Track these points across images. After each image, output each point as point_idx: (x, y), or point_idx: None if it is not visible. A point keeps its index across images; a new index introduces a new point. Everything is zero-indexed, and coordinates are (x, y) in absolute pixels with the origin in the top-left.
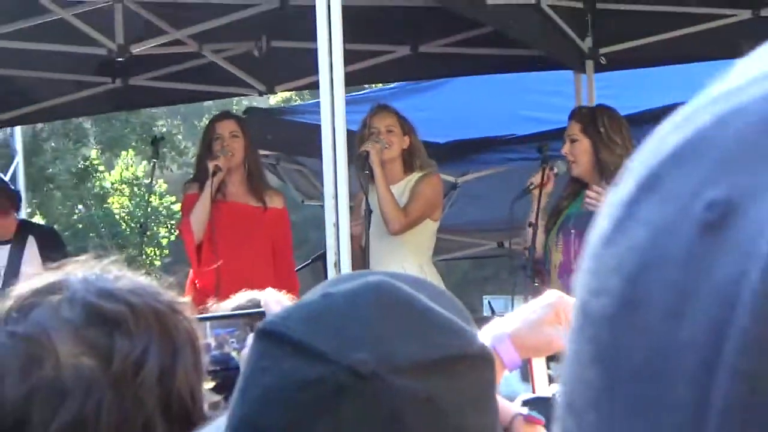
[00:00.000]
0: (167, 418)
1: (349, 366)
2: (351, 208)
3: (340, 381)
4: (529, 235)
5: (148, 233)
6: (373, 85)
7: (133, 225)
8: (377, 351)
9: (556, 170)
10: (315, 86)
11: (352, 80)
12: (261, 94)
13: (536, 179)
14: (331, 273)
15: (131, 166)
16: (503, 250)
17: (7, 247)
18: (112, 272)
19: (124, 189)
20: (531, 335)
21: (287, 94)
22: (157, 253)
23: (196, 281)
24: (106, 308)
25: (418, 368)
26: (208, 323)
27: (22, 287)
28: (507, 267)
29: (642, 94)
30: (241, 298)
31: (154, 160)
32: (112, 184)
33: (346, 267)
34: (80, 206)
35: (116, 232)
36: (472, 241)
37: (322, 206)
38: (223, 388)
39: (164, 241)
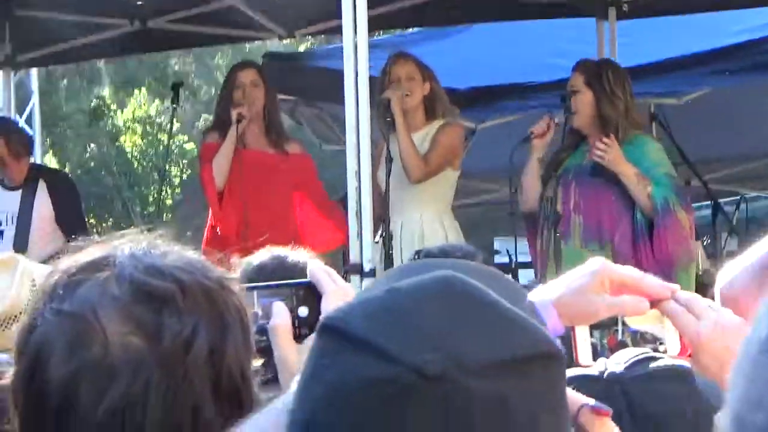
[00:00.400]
0: (217, 398)
1: (416, 366)
2: (372, 156)
3: (407, 382)
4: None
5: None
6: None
7: (145, 164)
8: (446, 350)
9: (557, 120)
10: (335, 30)
11: (373, 25)
12: (281, 38)
13: (537, 128)
14: (353, 221)
15: (144, 104)
16: (514, 195)
17: (18, 192)
18: (159, 247)
19: (136, 128)
20: (575, 302)
21: (307, 44)
22: (169, 192)
23: (217, 227)
24: (154, 285)
25: (489, 369)
26: (255, 292)
27: (68, 263)
28: (517, 212)
29: (663, 43)
30: (264, 254)
31: (174, 105)
32: (125, 122)
33: (367, 215)
34: (93, 145)
35: (129, 170)
36: (485, 186)
37: (340, 150)
38: (265, 352)
39: (176, 180)
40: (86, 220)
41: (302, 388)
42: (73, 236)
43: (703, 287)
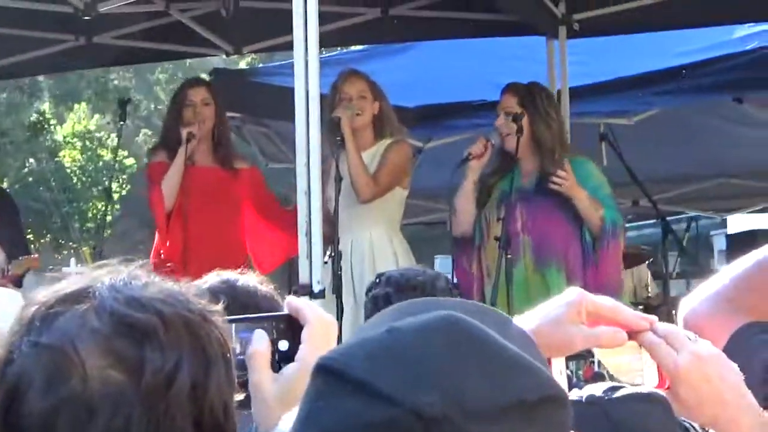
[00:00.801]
0: None
1: (416, 409)
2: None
3: (406, 425)
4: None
5: (99, 188)
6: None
7: (84, 179)
8: (447, 393)
9: (492, 142)
10: (283, 47)
11: (321, 42)
12: (228, 54)
13: (475, 150)
14: (302, 241)
15: (84, 119)
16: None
17: None
18: (140, 278)
19: (75, 143)
20: (551, 333)
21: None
22: (109, 207)
23: (161, 250)
24: (135, 318)
25: (492, 412)
26: (233, 325)
27: (46, 294)
28: None
29: (615, 62)
30: (213, 278)
31: (121, 123)
32: (64, 137)
33: (317, 236)
34: (32, 160)
35: (67, 186)
36: (427, 205)
37: (287, 168)
38: (245, 386)
39: (115, 196)
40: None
41: (297, 430)
42: (12, 252)
43: (653, 310)
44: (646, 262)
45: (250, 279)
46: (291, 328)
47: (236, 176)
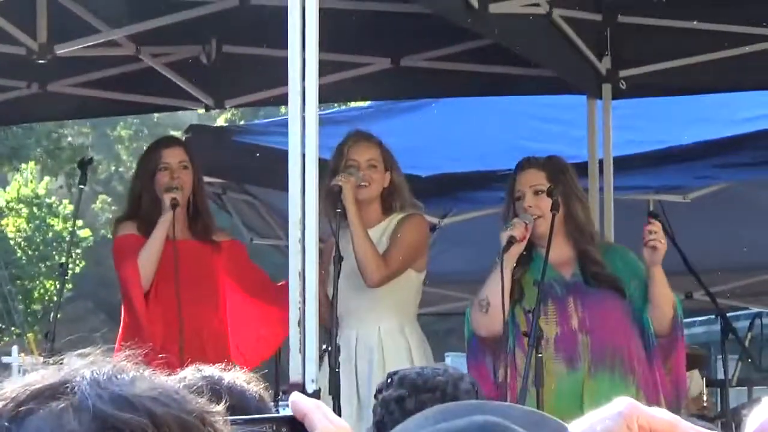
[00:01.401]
0: None
1: None
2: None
3: None
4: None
5: (48, 263)
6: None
7: (30, 252)
8: None
9: (529, 224)
10: (273, 102)
11: (320, 96)
12: (207, 108)
13: (518, 232)
14: (294, 332)
15: (31, 181)
16: None
17: None
18: (127, 372)
19: (21, 209)
20: None
21: (227, 114)
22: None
23: (133, 338)
24: (122, 420)
25: None
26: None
27: (15, 388)
28: None
29: (667, 128)
30: (193, 374)
31: (82, 187)
32: (8, 203)
33: (312, 325)
34: None
35: (11, 260)
36: (440, 292)
37: (274, 246)
38: None
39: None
40: None
41: None
42: None
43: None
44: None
45: (237, 376)
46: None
47: (217, 250)
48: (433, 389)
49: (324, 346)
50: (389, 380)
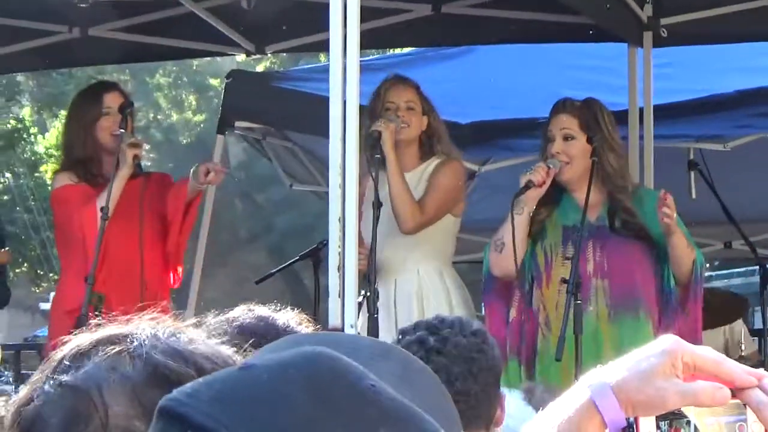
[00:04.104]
0: None
1: None
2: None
3: None
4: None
5: None
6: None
7: None
8: None
9: (553, 168)
10: (313, 48)
11: (360, 43)
12: (248, 54)
13: (537, 176)
14: (334, 277)
15: (64, 131)
16: None
17: None
18: (186, 334)
19: (60, 156)
20: (640, 389)
21: (266, 63)
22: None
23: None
24: (170, 368)
25: None
26: None
27: (82, 337)
28: None
29: (708, 76)
30: (245, 314)
31: (122, 130)
32: (47, 149)
33: (351, 271)
34: (8, 175)
35: (48, 206)
36: (480, 240)
37: (313, 191)
38: None
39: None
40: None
41: None
42: None
43: None
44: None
45: (290, 317)
46: None
47: (148, 182)
48: (451, 326)
49: (363, 292)
50: (401, 335)
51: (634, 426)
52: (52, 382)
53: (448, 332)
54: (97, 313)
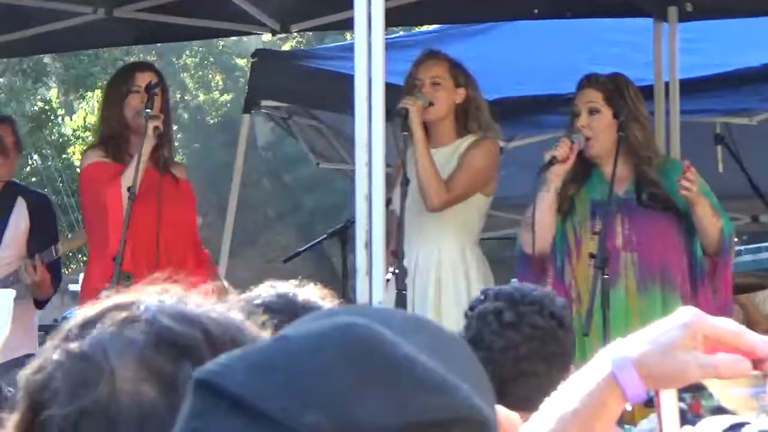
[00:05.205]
0: None
1: (299, 431)
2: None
3: None
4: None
5: None
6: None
7: None
8: (335, 412)
9: (577, 143)
10: (337, 26)
11: (385, 21)
12: (274, 33)
13: (561, 152)
14: (361, 254)
15: (98, 110)
16: None
17: None
18: (194, 299)
19: (87, 137)
20: (661, 362)
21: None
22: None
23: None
24: (177, 331)
25: None
26: None
27: (91, 306)
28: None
29: (734, 50)
30: (267, 291)
31: (148, 111)
32: (74, 131)
33: (379, 248)
34: (35, 156)
35: (77, 188)
36: (507, 217)
37: (339, 170)
38: None
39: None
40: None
41: None
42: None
43: None
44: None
45: (312, 293)
46: None
47: (178, 189)
48: (531, 303)
49: (391, 269)
50: (482, 296)
51: (655, 399)
52: (60, 350)
53: (526, 309)
54: None
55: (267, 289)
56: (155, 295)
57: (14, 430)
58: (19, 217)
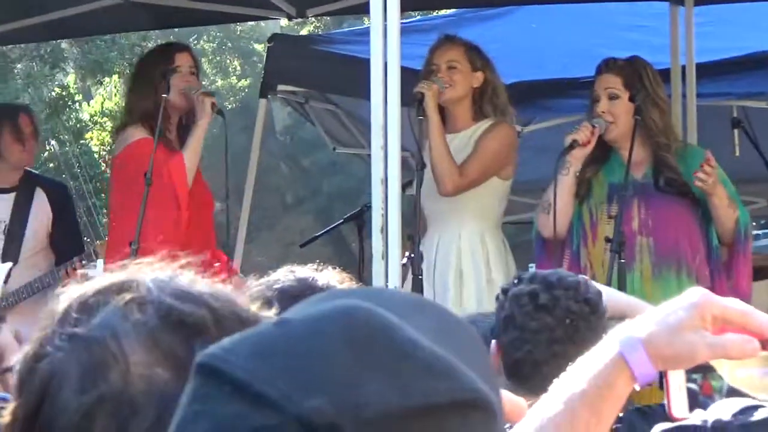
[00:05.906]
0: None
1: (301, 415)
2: (404, 160)
3: None
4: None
5: None
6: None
7: None
8: (338, 396)
9: (598, 128)
10: (353, 11)
11: (401, 5)
12: (290, 18)
13: (582, 135)
14: (377, 238)
15: (115, 95)
16: None
17: (10, 196)
18: (185, 275)
19: (105, 123)
20: (670, 342)
21: (309, 27)
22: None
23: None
24: (184, 311)
25: (390, 419)
26: None
27: (80, 288)
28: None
29: (751, 33)
30: (286, 275)
31: (164, 96)
32: (92, 116)
33: (395, 233)
34: (53, 142)
35: (95, 173)
36: (524, 201)
37: (355, 154)
38: None
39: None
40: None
41: None
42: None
43: None
44: None
45: (331, 276)
46: None
47: (198, 178)
48: (567, 288)
49: (408, 253)
50: (516, 280)
51: (664, 379)
52: (62, 335)
53: (561, 293)
54: None
55: (286, 274)
56: (148, 273)
57: (13, 419)
58: (39, 210)
